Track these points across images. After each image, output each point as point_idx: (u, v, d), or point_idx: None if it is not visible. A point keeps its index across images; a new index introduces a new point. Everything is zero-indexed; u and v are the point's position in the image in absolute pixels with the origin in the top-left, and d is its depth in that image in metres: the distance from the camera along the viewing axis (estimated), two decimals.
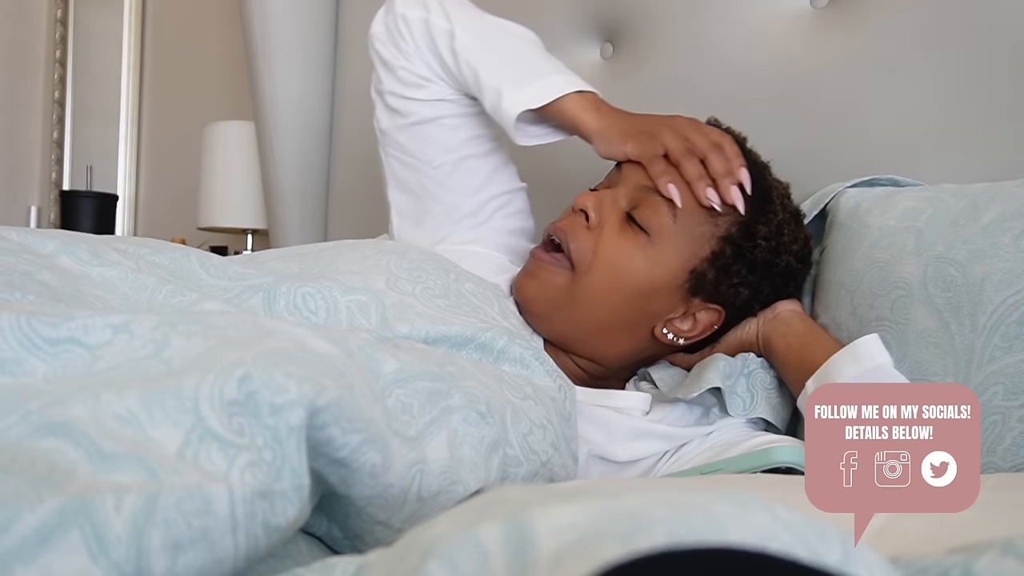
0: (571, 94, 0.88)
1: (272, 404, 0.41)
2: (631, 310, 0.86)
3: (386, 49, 0.96)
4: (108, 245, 0.66)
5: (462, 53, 0.91)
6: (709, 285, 0.86)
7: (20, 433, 0.38)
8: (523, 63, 0.92)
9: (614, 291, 0.85)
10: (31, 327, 0.44)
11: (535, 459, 0.65)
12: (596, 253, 0.85)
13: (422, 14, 0.93)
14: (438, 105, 0.96)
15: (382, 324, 0.70)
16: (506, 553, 0.24)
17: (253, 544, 0.38)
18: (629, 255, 0.85)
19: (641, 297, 0.86)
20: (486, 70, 0.90)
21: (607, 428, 0.83)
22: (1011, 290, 0.77)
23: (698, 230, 0.85)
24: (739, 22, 1.15)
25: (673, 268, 0.85)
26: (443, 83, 0.95)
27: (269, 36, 1.59)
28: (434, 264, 0.82)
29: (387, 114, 0.99)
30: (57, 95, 2.73)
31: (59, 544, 0.32)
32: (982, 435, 0.77)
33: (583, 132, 0.88)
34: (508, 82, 0.89)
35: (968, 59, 0.96)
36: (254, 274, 0.71)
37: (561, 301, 0.86)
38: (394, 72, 0.96)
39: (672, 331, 0.88)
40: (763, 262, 0.87)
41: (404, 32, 0.93)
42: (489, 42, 0.92)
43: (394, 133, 0.99)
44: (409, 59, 0.94)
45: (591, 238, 0.85)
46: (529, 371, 0.74)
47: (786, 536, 0.24)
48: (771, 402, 0.88)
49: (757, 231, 0.86)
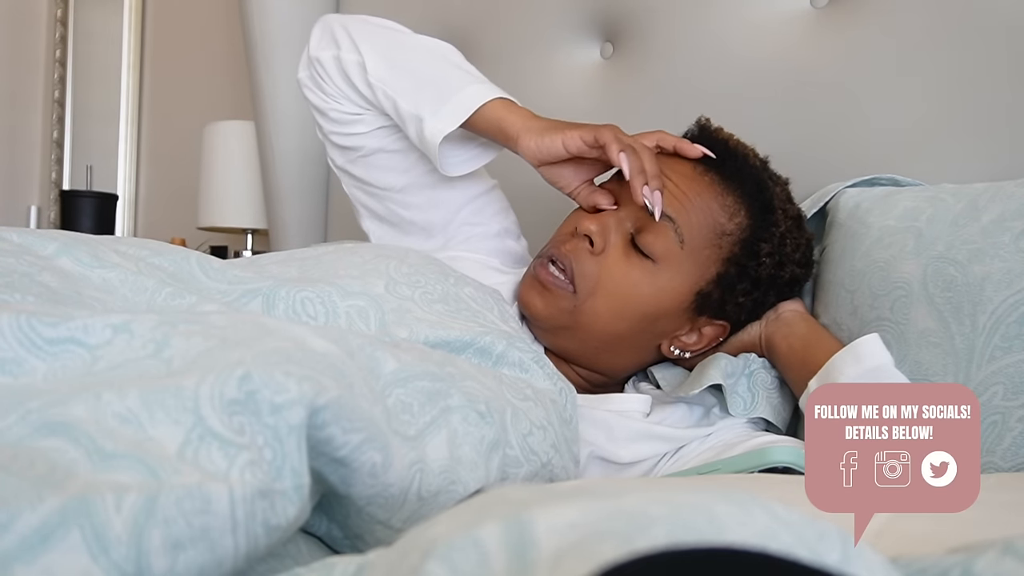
0: (492, 101, 0.86)
1: (272, 403, 0.41)
2: (637, 332, 0.87)
3: (313, 95, 0.95)
4: (108, 247, 0.66)
5: (377, 84, 0.90)
6: (715, 304, 0.87)
7: (20, 433, 0.38)
8: (439, 80, 0.89)
9: (619, 317, 0.85)
10: (31, 327, 0.44)
11: (535, 460, 0.65)
12: (600, 280, 0.84)
13: (333, 52, 0.92)
14: (379, 134, 0.95)
15: (381, 329, 0.70)
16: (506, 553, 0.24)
17: (253, 543, 0.38)
18: (635, 282, 0.84)
19: (647, 320, 0.86)
20: (403, 97, 0.88)
21: (608, 430, 0.83)
22: (1011, 290, 0.77)
23: (703, 253, 0.84)
24: (739, 22, 1.15)
25: (679, 293, 0.85)
26: (374, 113, 0.94)
27: (269, 36, 1.59)
28: (433, 268, 0.81)
29: (337, 152, 0.99)
30: (57, 95, 2.73)
31: (59, 543, 0.32)
32: (982, 435, 0.77)
33: (509, 131, 0.85)
34: (426, 106, 0.87)
35: (968, 59, 0.96)
36: (253, 278, 0.71)
37: (565, 322, 0.86)
38: (327, 115, 0.95)
39: (678, 346, 0.89)
40: (768, 277, 0.87)
41: (323, 74, 0.93)
42: (401, 66, 0.90)
43: (349, 168, 0.99)
44: (335, 99, 0.93)
45: (595, 264, 0.84)
46: (529, 375, 0.74)
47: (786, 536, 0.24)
48: (772, 402, 0.88)
49: (760, 249, 0.86)
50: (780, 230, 0.87)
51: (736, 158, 0.87)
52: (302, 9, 1.60)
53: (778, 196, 0.88)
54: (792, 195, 0.92)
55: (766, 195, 0.86)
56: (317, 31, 0.95)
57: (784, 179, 0.92)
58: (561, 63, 1.32)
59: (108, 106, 2.66)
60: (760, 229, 0.86)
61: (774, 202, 0.87)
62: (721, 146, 0.87)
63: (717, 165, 0.86)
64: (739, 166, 0.86)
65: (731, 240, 0.85)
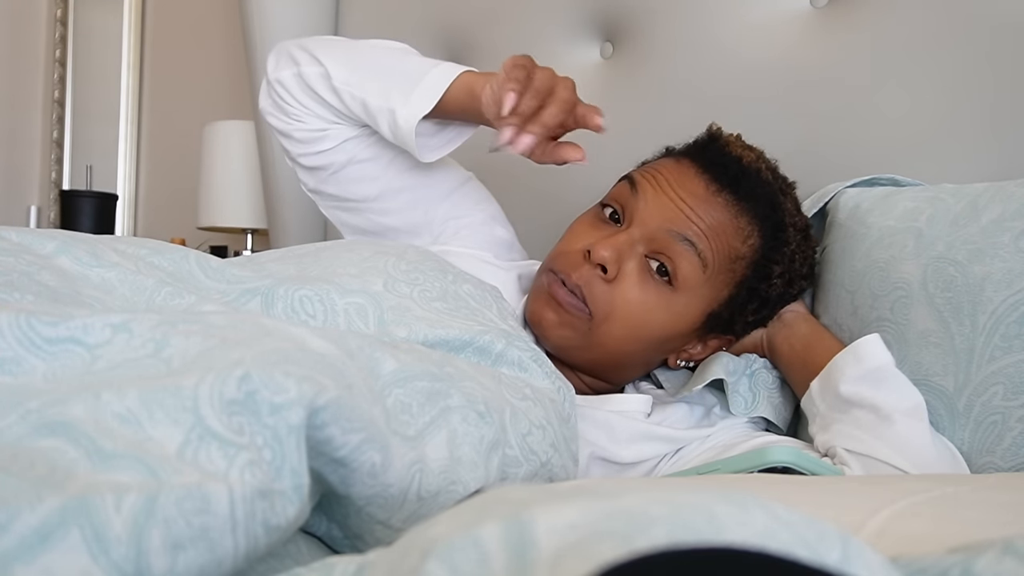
0: (461, 75, 0.85)
1: (272, 403, 0.41)
2: (648, 351, 0.88)
3: (276, 119, 0.94)
4: (107, 246, 0.66)
5: (343, 88, 0.89)
6: (723, 322, 0.88)
7: (20, 432, 0.38)
8: (404, 71, 0.88)
9: (633, 340, 0.85)
10: (30, 326, 0.44)
11: (535, 459, 0.65)
12: (615, 306, 0.83)
13: (293, 70, 0.91)
14: (347, 146, 0.94)
15: (380, 328, 0.70)
16: (506, 553, 0.24)
17: (253, 543, 0.38)
18: (651, 308, 0.83)
19: (659, 342, 0.87)
20: (371, 95, 0.87)
21: (610, 430, 0.83)
22: (1011, 290, 0.77)
23: (719, 278, 0.84)
24: (739, 22, 1.15)
25: (694, 317, 0.85)
26: (340, 125, 0.93)
27: (269, 36, 1.59)
28: (432, 265, 0.81)
29: (308, 175, 0.98)
30: (57, 95, 2.73)
31: (59, 544, 0.32)
32: (982, 435, 0.77)
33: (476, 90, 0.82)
34: (396, 96, 0.85)
35: (968, 59, 0.96)
36: (252, 277, 0.71)
37: (578, 343, 0.85)
38: (292, 136, 0.94)
39: (684, 358, 0.91)
40: (777, 296, 0.88)
41: (284, 95, 0.92)
42: (364, 67, 0.90)
43: (322, 188, 0.99)
44: (299, 118, 0.93)
45: (609, 290, 0.83)
46: (528, 374, 0.74)
47: (786, 536, 0.24)
48: (773, 402, 0.88)
49: (772, 271, 0.86)
50: (791, 248, 0.87)
51: (750, 177, 0.85)
52: (302, 9, 1.60)
53: (789, 212, 0.87)
54: (799, 199, 0.92)
55: (779, 215, 0.85)
56: (272, 58, 0.94)
57: (792, 184, 0.91)
58: (561, 63, 1.32)
59: (108, 106, 2.66)
60: (772, 250, 0.85)
61: (786, 220, 0.86)
62: (735, 165, 0.85)
63: (730, 184, 0.84)
64: (752, 185, 0.84)
65: (744, 263, 0.85)
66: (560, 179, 1.25)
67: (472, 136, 0.92)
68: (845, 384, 0.80)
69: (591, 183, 1.17)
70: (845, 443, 0.78)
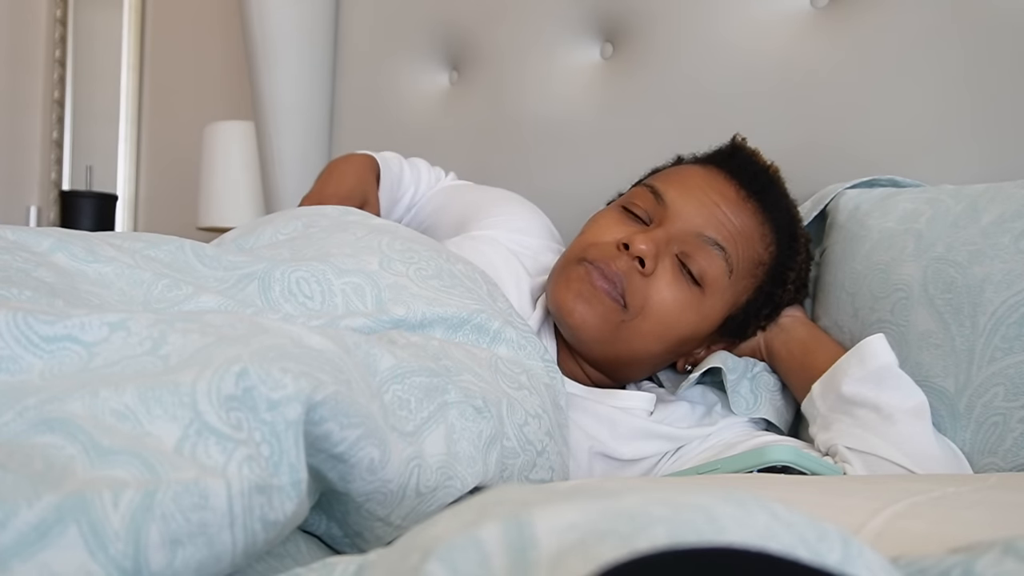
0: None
1: (269, 399, 0.41)
2: (667, 353, 0.88)
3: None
4: (103, 241, 0.65)
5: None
6: (736, 327, 0.89)
7: (18, 429, 0.37)
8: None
9: (660, 339, 0.85)
10: (28, 325, 0.44)
11: (531, 449, 0.65)
12: (649, 301, 0.83)
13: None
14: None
15: (378, 306, 0.69)
16: (506, 553, 0.24)
17: (251, 539, 0.38)
18: (682, 308, 0.84)
19: (680, 343, 0.87)
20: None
21: (612, 426, 0.84)
22: (1011, 291, 0.77)
23: (741, 283, 0.86)
24: (739, 22, 1.15)
25: (717, 319, 0.86)
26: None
27: (269, 36, 1.59)
28: (425, 243, 0.81)
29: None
30: (57, 95, 2.73)
31: (57, 540, 0.32)
32: (983, 436, 0.77)
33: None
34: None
35: (968, 59, 0.96)
36: (248, 262, 0.70)
37: (605, 336, 0.84)
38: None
39: (690, 362, 0.92)
40: (788, 303, 0.91)
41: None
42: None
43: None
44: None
45: (645, 284, 0.83)
46: (523, 353, 0.75)
47: (786, 536, 0.24)
48: (775, 404, 0.89)
49: (787, 277, 0.88)
50: (801, 257, 0.89)
51: (775, 186, 0.88)
52: (302, 9, 1.60)
53: (797, 221, 0.90)
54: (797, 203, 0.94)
55: (794, 225, 0.89)
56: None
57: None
58: (561, 63, 1.32)
59: (108, 106, 2.66)
60: (787, 258, 0.88)
61: (798, 230, 0.89)
62: (763, 174, 0.88)
63: (758, 192, 0.86)
64: (777, 195, 0.88)
65: (764, 269, 0.87)
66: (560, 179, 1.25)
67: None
68: (847, 385, 0.80)
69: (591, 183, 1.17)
70: (847, 441, 0.78)
